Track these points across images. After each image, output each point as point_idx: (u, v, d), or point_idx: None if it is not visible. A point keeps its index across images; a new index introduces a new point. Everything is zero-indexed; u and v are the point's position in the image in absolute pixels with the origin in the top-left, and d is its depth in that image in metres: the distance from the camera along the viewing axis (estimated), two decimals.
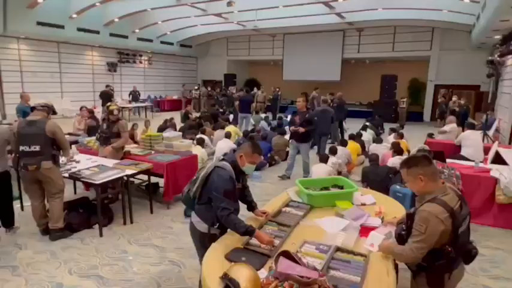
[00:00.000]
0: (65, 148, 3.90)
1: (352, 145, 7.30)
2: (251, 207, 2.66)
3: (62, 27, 12.46)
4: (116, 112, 4.80)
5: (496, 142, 6.66)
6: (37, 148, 3.55)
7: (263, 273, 1.82)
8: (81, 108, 7.78)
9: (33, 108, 3.76)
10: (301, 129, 5.81)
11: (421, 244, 1.77)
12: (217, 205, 2.26)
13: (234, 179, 2.33)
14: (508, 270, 3.41)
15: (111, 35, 14.48)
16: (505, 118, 9.29)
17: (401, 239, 1.93)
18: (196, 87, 18.59)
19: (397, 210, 2.76)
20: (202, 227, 2.39)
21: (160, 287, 3.00)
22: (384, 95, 15.23)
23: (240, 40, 19.68)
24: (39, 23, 11.71)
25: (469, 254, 1.88)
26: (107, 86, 13.11)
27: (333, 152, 6.07)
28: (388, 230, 2.26)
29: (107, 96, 12.11)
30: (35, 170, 3.58)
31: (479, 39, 11.10)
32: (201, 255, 2.35)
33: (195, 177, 2.44)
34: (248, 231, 2.21)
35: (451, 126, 7.67)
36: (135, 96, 15.68)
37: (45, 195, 3.86)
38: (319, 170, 5.30)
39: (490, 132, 8.27)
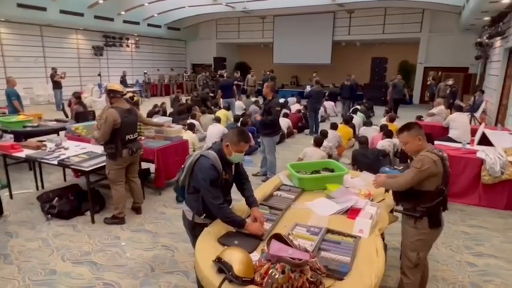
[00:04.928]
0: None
1: (344, 129, 7.34)
2: (248, 203, 2.47)
3: (44, 9, 11.98)
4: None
5: (483, 124, 6.79)
6: (136, 135, 3.90)
7: (256, 256, 1.85)
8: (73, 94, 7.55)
9: (113, 97, 3.68)
10: (258, 117, 5.38)
11: (413, 175, 2.21)
12: (206, 195, 2.23)
13: (218, 168, 2.23)
14: (491, 248, 3.54)
15: (96, 17, 14.00)
16: (492, 100, 9.44)
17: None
18: (145, 72, 17.35)
19: (386, 192, 2.80)
20: (190, 215, 2.40)
21: (154, 271, 3.04)
22: (374, 77, 15.26)
23: (230, 22, 19.28)
24: (19, 5, 11.22)
25: (445, 200, 2.33)
26: (52, 69, 12.37)
27: (324, 135, 6.10)
28: (370, 213, 2.29)
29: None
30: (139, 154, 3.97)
31: (469, 21, 11.11)
32: (192, 242, 2.36)
33: (183, 166, 2.42)
34: (238, 223, 2.18)
35: (439, 108, 7.75)
36: (124, 81, 15.29)
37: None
38: (314, 156, 5.28)
39: (478, 114, 8.40)
